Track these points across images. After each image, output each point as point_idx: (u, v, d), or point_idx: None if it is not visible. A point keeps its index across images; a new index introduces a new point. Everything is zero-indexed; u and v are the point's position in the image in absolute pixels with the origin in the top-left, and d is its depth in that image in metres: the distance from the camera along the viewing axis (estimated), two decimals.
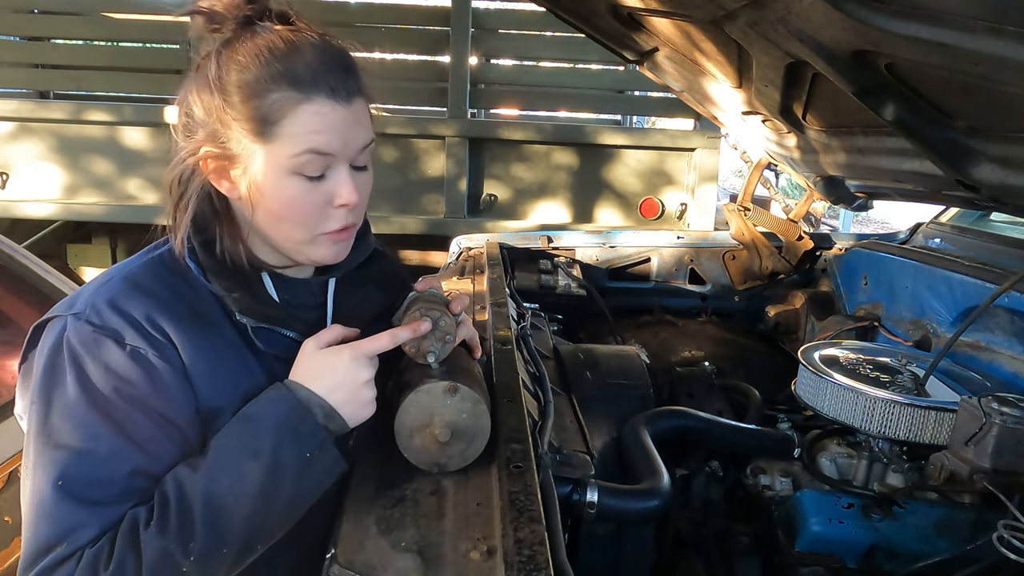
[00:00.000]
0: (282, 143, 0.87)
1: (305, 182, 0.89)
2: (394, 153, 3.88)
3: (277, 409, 0.87)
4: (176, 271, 0.93)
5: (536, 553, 0.76)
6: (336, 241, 0.95)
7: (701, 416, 1.55)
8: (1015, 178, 1.23)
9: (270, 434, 0.85)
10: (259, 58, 0.86)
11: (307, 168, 0.88)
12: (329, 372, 0.89)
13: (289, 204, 0.89)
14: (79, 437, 0.82)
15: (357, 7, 4.01)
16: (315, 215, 0.91)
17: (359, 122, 0.91)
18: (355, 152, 0.91)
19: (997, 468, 1.14)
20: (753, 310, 2.55)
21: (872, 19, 1.02)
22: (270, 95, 0.85)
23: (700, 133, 3.80)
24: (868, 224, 10.75)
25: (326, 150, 0.88)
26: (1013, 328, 1.64)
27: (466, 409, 0.97)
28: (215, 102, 0.88)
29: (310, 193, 0.89)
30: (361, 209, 0.97)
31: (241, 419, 0.88)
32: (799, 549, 1.35)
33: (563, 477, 1.14)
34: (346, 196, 0.91)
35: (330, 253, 0.96)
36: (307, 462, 0.86)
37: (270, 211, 0.90)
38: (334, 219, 0.93)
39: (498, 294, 1.72)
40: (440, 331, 1.01)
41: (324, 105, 0.87)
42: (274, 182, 0.88)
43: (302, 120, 0.86)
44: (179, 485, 0.83)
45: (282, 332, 0.96)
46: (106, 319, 0.86)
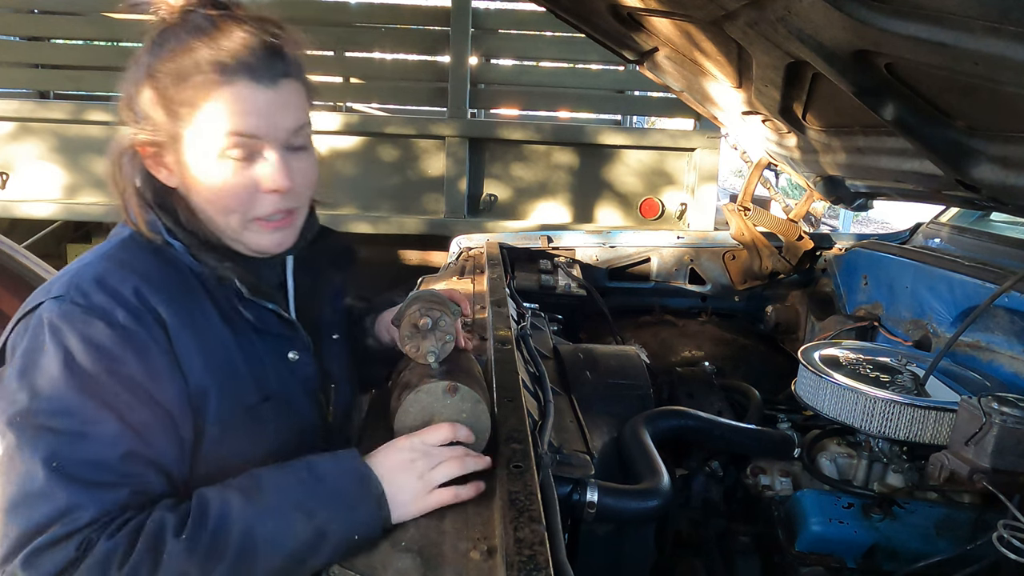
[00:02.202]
0: (207, 127, 0.87)
1: (232, 166, 0.88)
2: (394, 153, 3.88)
3: (344, 480, 0.87)
4: (151, 249, 0.93)
5: (536, 553, 0.76)
6: (273, 229, 0.95)
7: (701, 416, 1.55)
8: (1015, 178, 1.23)
9: (327, 502, 0.84)
10: (186, 44, 0.87)
11: (232, 151, 0.87)
12: (412, 474, 0.90)
13: (217, 189, 0.89)
14: (72, 420, 0.80)
15: (357, 7, 4.01)
16: (243, 200, 0.91)
17: (287, 104, 0.90)
18: (285, 134, 0.90)
19: (997, 468, 1.14)
20: (753, 310, 2.55)
21: (872, 19, 1.02)
22: (193, 79, 0.86)
23: (700, 133, 3.80)
24: (868, 224, 10.74)
25: (249, 132, 0.87)
26: (1013, 328, 1.63)
27: (466, 409, 0.97)
28: (147, 89, 0.89)
29: (237, 177, 0.89)
30: (299, 195, 0.96)
31: (310, 470, 0.87)
32: (799, 549, 1.35)
33: (563, 477, 1.14)
34: (274, 180, 0.90)
35: (267, 241, 0.95)
36: (351, 543, 0.85)
37: (202, 197, 0.91)
38: (264, 204, 0.92)
39: (498, 294, 1.72)
40: (440, 331, 1.02)
41: (245, 88, 0.86)
42: (203, 167, 0.88)
43: (223, 103, 0.86)
44: (225, 506, 0.81)
45: (267, 305, 0.98)
46: (93, 299, 0.84)
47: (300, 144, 0.94)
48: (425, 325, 1.02)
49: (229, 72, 0.86)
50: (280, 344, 1.01)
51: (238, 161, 0.89)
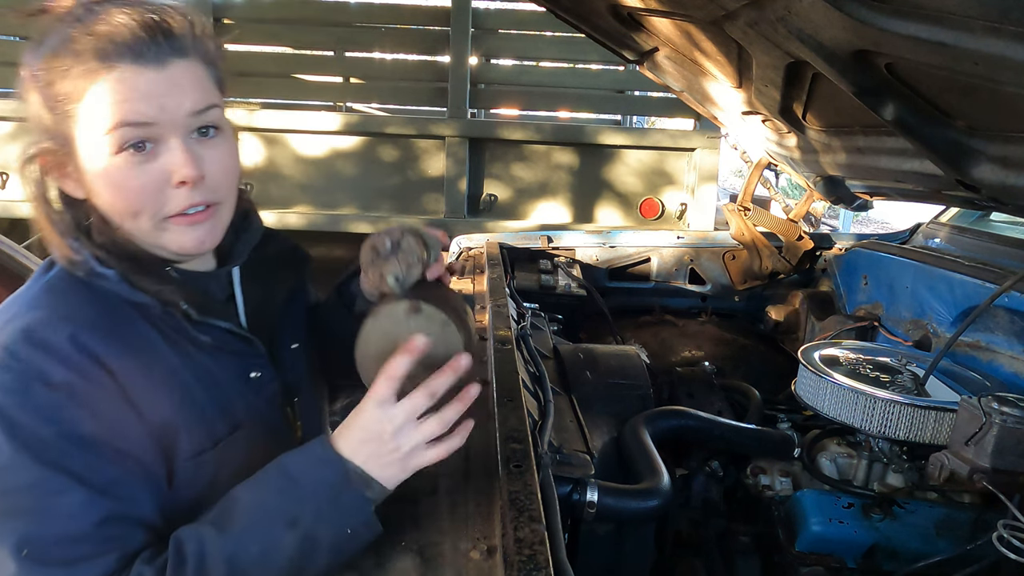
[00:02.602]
0: (95, 121, 0.78)
1: (131, 159, 0.79)
2: (394, 153, 3.88)
3: (318, 472, 0.80)
4: (80, 286, 0.83)
5: (536, 553, 0.76)
6: (191, 224, 0.84)
7: (701, 416, 1.55)
8: (1015, 178, 1.23)
9: (308, 503, 0.78)
10: (64, 37, 0.79)
11: (126, 143, 0.78)
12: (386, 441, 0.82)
13: (119, 189, 0.80)
14: (33, 497, 0.72)
15: (357, 7, 4.01)
16: (150, 197, 0.81)
17: (179, 85, 0.81)
18: (184, 118, 0.81)
19: (997, 468, 1.14)
20: (753, 310, 2.55)
21: (872, 19, 1.02)
22: (73, 72, 0.78)
23: (700, 133, 3.80)
24: (868, 224, 10.74)
25: (139, 119, 0.78)
26: (1013, 328, 1.63)
27: (433, 331, 0.85)
28: (32, 92, 0.82)
29: (139, 171, 0.80)
30: (216, 186, 0.86)
31: (282, 474, 0.81)
32: (799, 549, 1.35)
33: (563, 477, 1.14)
34: (180, 170, 0.80)
35: (188, 239, 0.85)
36: (346, 538, 0.80)
37: (106, 201, 0.82)
38: (176, 199, 0.82)
39: (498, 294, 1.72)
40: (403, 253, 0.89)
41: (128, 71, 0.78)
42: (100, 167, 0.80)
43: (107, 91, 0.77)
44: (201, 545, 0.75)
45: (219, 324, 0.89)
46: (25, 359, 0.74)
47: (208, 129, 0.84)
48: (384, 247, 0.90)
49: (109, 57, 0.77)
50: (239, 364, 0.92)
51: (137, 154, 0.79)
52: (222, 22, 3.84)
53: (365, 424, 0.82)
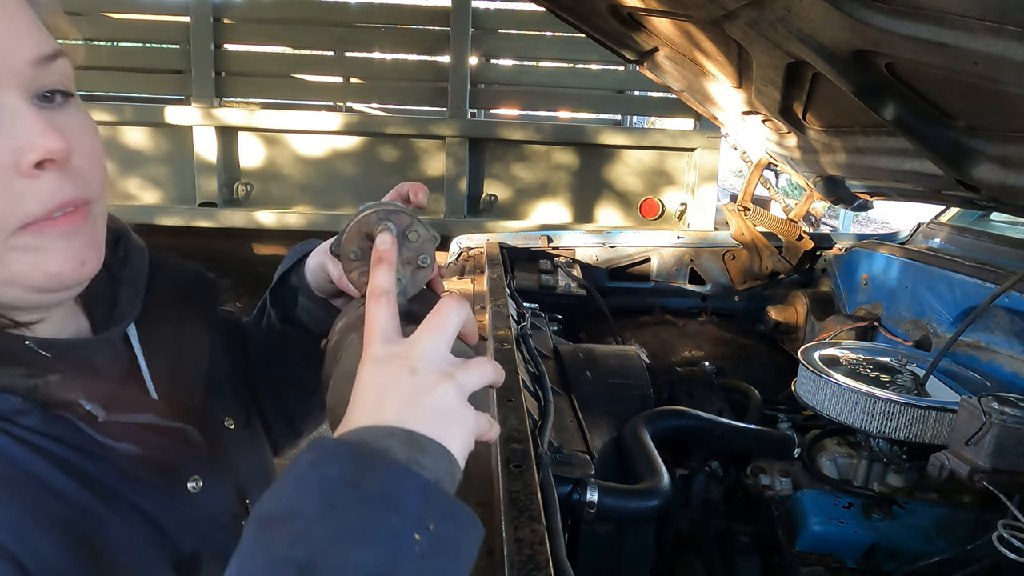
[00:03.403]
0: None
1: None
2: (394, 153, 3.88)
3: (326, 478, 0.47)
4: None
5: (536, 553, 0.75)
6: (64, 231, 0.55)
7: (701, 416, 1.55)
8: (1015, 178, 1.23)
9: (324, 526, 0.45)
10: None
11: None
12: (381, 380, 0.53)
13: None
14: None
15: (357, 7, 4.01)
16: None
17: (5, 11, 0.53)
18: (22, 66, 0.53)
19: (997, 468, 1.14)
20: (753, 310, 2.55)
21: (872, 19, 1.02)
22: None
23: (700, 133, 3.80)
24: (868, 224, 10.74)
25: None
26: (1013, 328, 1.63)
27: None
28: None
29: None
30: (87, 172, 0.57)
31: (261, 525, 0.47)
32: (799, 549, 1.35)
33: (563, 477, 1.14)
34: (39, 141, 0.52)
35: (60, 260, 0.55)
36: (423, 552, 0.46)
37: None
38: (33, 194, 0.53)
39: (498, 294, 1.72)
40: (409, 248, 0.66)
41: None
42: None
43: None
44: None
45: (136, 420, 0.58)
46: None
47: (56, 93, 0.56)
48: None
49: None
50: (170, 474, 0.63)
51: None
52: (222, 22, 3.84)
53: (369, 374, 0.54)
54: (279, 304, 0.87)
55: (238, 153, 3.88)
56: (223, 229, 3.81)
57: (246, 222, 3.83)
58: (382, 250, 0.61)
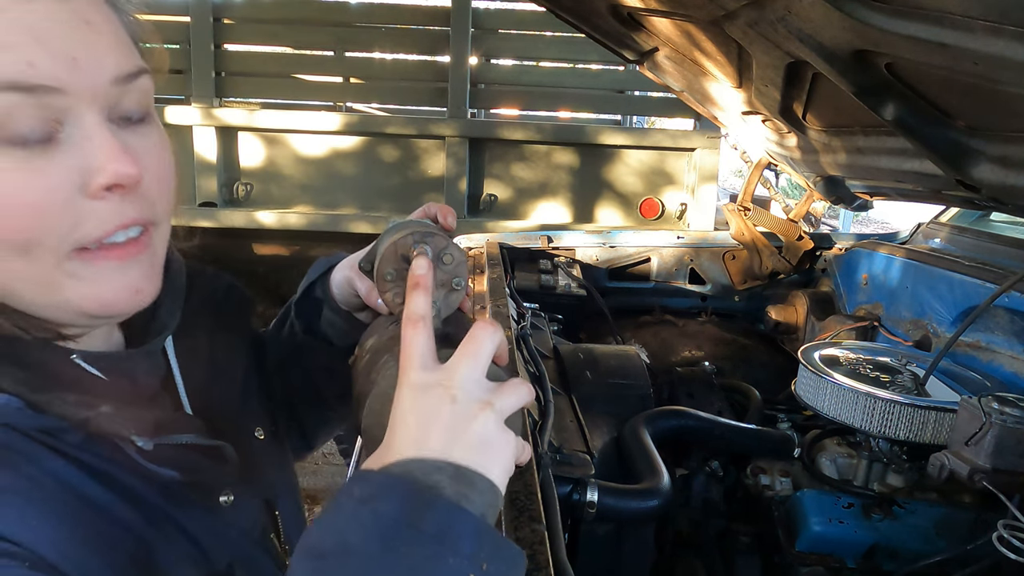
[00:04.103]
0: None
1: (18, 156, 0.47)
2: (394, 153, 3.88)
3: (381, 516, 0.48)
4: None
5: (536, 552, 0.75)
6: (119, 262, 0.54)
7: (701, 416, 1.55)
8: (1015, 178, 1.23)
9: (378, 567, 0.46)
10: None
11: (13, 122, 0.47)
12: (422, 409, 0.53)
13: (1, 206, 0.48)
14: None
15: (357, 7, 4.01)
16: (54, 216, 0.49)
17: (94, 26, 0.50)
18: (104, 84, 0.50)
19: (997, 468, 1.14)
20: (753, 310, 2.55)
21: (872, 19, 1.02)
22: None
23: (700, 133, 3.80)
24: (868, 224, 10.75)
25: (36, 79, 0.47)
26: (1013, 328, 1.63)
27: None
28: None
29: (33, 175, 0.48)
30: (155, 197, 0.56)
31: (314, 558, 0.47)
32: (799, 549, 1.35)
33: (563, 477, 1.14)
34: (109, 165, 0.50)
35: (115, 287, 0.54)
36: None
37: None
38: (96, 216, 0.51)
39: (498, 294, 1.72)
40: (444, 271, 0.65)
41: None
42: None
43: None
44: None
45: (180, 441, 0.59)
46: None
47: (137, 112, 0.54)
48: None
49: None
50: (204, 490, 0.62)
51: (24, 149, 0.48)
52: (222, 22, 3.84)
53: (409, 402, 0.54)
54: (303, 316, 0.86)
55: (238, 153, 3.88)
56: (223, 229, 3.81)
57: (246, 222, 3.82)
58: (419, 275, 0.60)
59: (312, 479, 3.39)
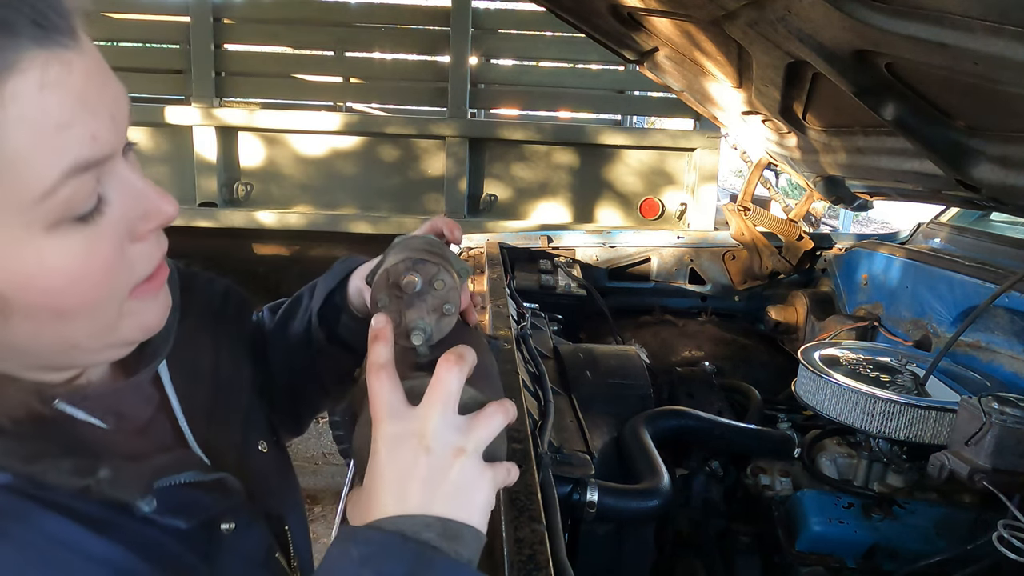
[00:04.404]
0: (4, 191, 0.42)
1: (81, 231, 0.47)
2: (394, 153, 3.88)
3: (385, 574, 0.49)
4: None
5: (536, 552, 0.76)
6: (157, 291, 0.55)
7: (701, 416, 1.55)
8: (1015, 178, 1.23)
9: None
10: None
11: (76, 204, 0.46)
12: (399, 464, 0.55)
13: (70, 282, 0.47)
14: None
15: (357, 7, 4.01)
16: (118, 273, 0.50)
17: (107, 69, 0.48)
18: (125, 129, 0.50)
19: (997, 468, 1.14)
20: (753, 310, 2.55)
21: (872, 19, 1.02)
22: None
23: (700, 133, 3.80)
24: (868, 224, 10.75)
25: (99, 151, 0.46)
26: (1013, 328, 1.63)
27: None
28: None
29: (96, 244, 0.48)
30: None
31: None
32: (799, 549, 1.35)
33: (563, 477, 1.14)
34: (159, 206, 0.51)
35: (153, 314, 0.55)
36: None
37: (32, 313, 0.47)
38: (144, 256, 0.52)
39: (498, 294, 1.72)
40: (435, 297, 0.66)
41: (46, 64, 0.42)
42: (24, 263, 0.45)
43: (20, 117, 0.41)
44: None
45: (179, 481, 0.56)
46: None
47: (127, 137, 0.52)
48: (412, 286, 0.65)
49: (6, 37, 0.41)
50: (205, 521, 0.59)
51: (84, 221, 0.47)
52: (222, 22, 3.84)
53: (386, 455, 0.55)
54: (326, 322, 0.86)
55: (238, 153, 3.88)
56: (223, 229, 3.81)
57: (246, 222, 3.82)
58: (376, 329, 0.61)
59: (312, 479, 3.38)
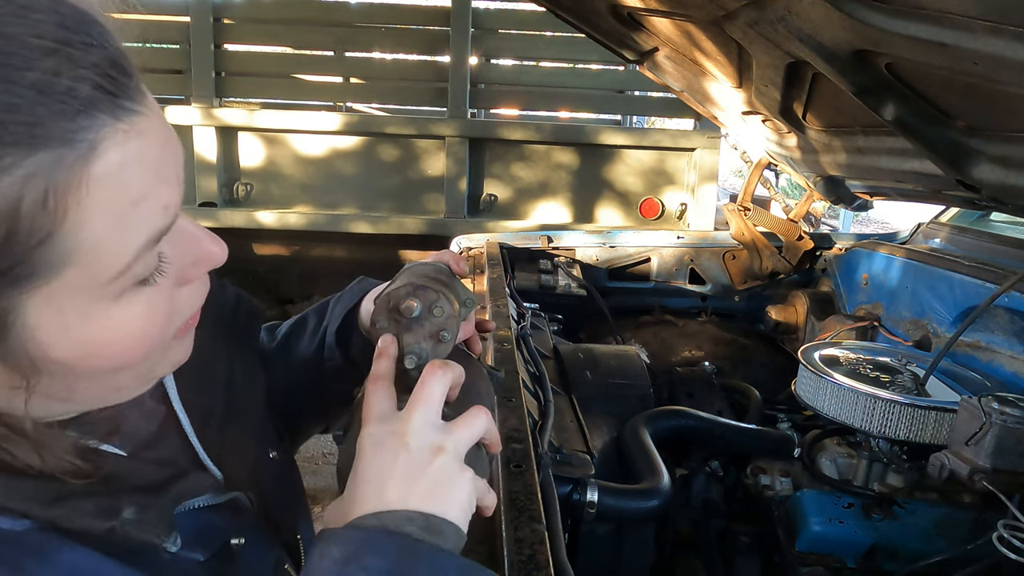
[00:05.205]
0: (77, 270, 0.41)
1: (145, 292, 0.47)
2: (394, 153, 3.88)
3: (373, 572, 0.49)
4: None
5: (536, 552, 0.75)
6: (189, 330, 0.57)
7: (701, 416, 1.55)
8: (1015, 178, 1.23)
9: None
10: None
11: (145, 271, 0.46)
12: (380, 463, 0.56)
13: (133, 343, 0.48)
14: None
15: (357, 7, 4.01)
16: (166, 322, 0.51)
17: (168, 130, 0.47)
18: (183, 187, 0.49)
19: (997, 468, 1.14)
20: (753, 310, 2.55)
21: (872, 19, 1.02)
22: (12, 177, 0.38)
23: (700, 133, 3.80)
24: (868, 224, 10.75)
25: (170, 219, 0.46)
26: (1013, 328, 1.63)
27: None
28: None
29: (157, 301, 0.48)
30: None
31: None
32: (799, 549, 1.35)
33: (563, 477, 1.14)
34: (212, 250, 0.52)
35: (185, 351, 0.57)
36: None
37: (95, 376, 0.48)
38: (189, 300, 0.54)
39: (498, 294, 1.72)
40: (432, 323, 0.67)
41: (125, 140, 0.41)
42: (92, 333, 0.45)
43: (104, 201, 0.41)
44: None
45: (195, 506, 0.58)
46: None
47: None
48: (410, 310, 0.66)
49: (78, 127, 0.39)
50: (216, 540, 0.59)
51: (143, 283, 0.47)
52: (222, 22, 3.84)
53: (369, 454, 0.56)
54: (343, 343, 0.86)
55: (238, 153, 3.88)
56: (223, 229, 3.81)
57: (246, 222, 3.83)
58: (381, 347, 0.65)
59: (312, 479, 3.38)
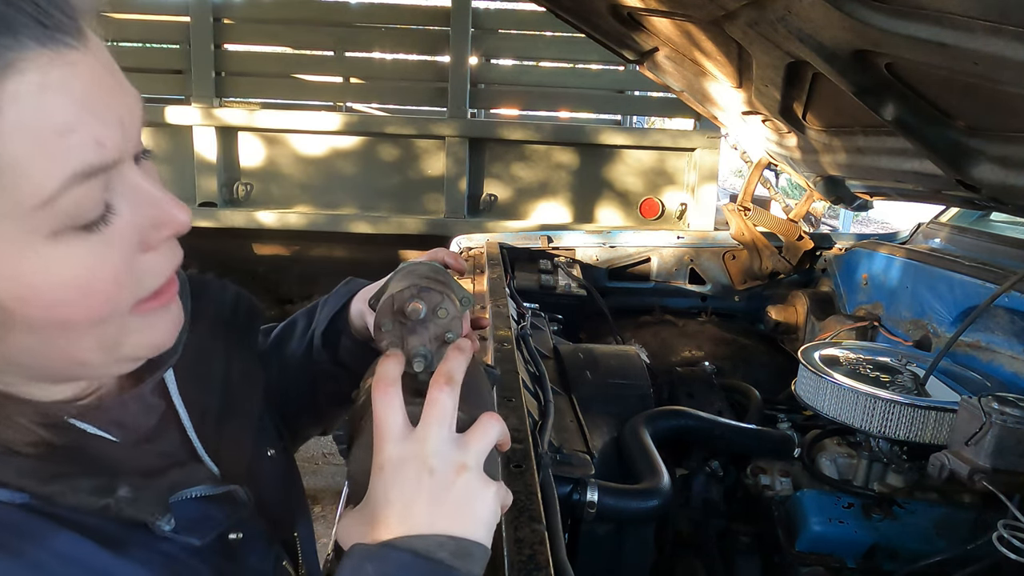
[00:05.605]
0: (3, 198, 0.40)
1: (88, 240, 0.45)
2: (394, 153, 3.88)
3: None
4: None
5: (536, 553, 0.75)
6: (167, 303, 0.53)
7: (701, 416, 1.55)
8: (1015, 178, 1.23)
9: None
10: None
11: (80, 212, 0.43)
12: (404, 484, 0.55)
13: (75, 294, 0.45)
14: None
15: (357, 7, 4.01)
16: (127, 284, 0.48)
17: (115, 70, 0.46)
18: (137, 135, 0.48)
19: (997, 468, 1.14)
20: (753, 310, 2.55)
21: (872, 19, 1.02)
22: None
23: (700, 133, 3.80)
24: (868, 224, 10.75)
25: (107, 157, 0.44)
26: (1013, 328, 1.63)
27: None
28: None
29: (105, 252, 0.46)
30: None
31: None
32: (799, 549, 1.35)
33: (563, 477, 1.14)
34: (172, 214, 0.49)
35: (162, 332, 0.53)
36: None
37: (35, 327, 0.45)
38: (153, 268, 0.50)
39: (498, 294, 1.72)
40: (437, 325, 0.67)
41: (48, 65, 0.40)
42: (26, 273, 0.43)
43: (18, 121, 0.39)
44: None
45: (191, 495, 0.56)
46: None
47: (141, 143, 0.49)
48: (416, 313, 0.65)
49: (8, 36, 0.39)
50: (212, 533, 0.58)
51: (90, 229, 0.45)
52: (222, 22, 3.84)
53: (390, 477, 0.55)
54: (330, 345, 0.86)
55: (238, 153, 3.88)
56: (223, 229, 3.81)
57: (246, 222, 3.83)
58: (390, 351, 0.63)
59: (312, 479, 3.38)
